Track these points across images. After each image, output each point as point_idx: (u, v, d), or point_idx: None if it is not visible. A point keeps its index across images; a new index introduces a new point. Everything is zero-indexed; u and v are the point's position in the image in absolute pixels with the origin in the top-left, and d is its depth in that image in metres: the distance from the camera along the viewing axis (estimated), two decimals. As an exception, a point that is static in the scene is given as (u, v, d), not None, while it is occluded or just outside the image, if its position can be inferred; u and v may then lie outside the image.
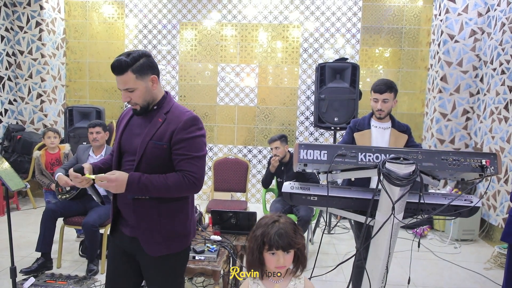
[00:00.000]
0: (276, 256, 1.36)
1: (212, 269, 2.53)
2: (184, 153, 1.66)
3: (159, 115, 1.70)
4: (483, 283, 3.35)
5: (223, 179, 4.36)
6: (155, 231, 1.68)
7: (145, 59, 1.65)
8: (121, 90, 1.66)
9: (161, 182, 1.62)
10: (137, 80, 1.62)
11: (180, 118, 1.68)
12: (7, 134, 5.33)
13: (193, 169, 1.67)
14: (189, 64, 5.67)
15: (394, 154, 1.84)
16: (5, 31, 5.33)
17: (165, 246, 1.70)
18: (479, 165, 1.85)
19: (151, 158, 1.66)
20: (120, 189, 1.58)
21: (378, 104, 2.58)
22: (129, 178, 1.59)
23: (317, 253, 2.17)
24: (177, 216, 1.74)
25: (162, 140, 1.65)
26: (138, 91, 1.64)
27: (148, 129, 1.68)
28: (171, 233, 1.72)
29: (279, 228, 1.37)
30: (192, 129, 1.69)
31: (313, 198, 2.12)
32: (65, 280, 3.04)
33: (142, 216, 1.68)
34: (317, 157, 1.90)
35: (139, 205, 1.68)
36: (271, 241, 1.34)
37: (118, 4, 5.67)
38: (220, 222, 3.09)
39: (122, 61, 1.59)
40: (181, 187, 1.65)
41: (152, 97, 1.71)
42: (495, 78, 4.28)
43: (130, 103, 1.68)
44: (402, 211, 1.96)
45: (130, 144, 1.72)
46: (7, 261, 3.43)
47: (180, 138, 1.66)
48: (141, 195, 1.65)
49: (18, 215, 4.85)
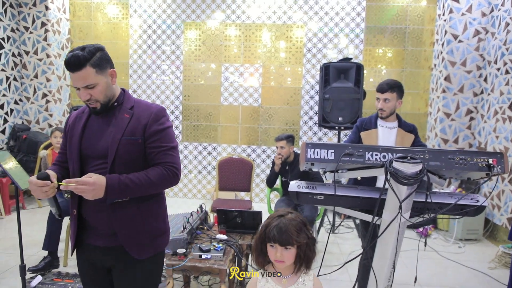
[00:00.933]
0: (274, 249, 1.39)
1: (218, 268, 2.54)
2: (160, 145, 1.59)
3: (123, 111, 1.60)
4: (488, 282, 3.35)
5: (227, 178, 4.38)
6: (140, 232, 1.59)
7: (101, 53, 1.53)
8: (79, 87, 1.51)
9: (143, 179, 1.52)
10: (97, 75, 1.51)
11: (150, 111, 1.62)
12: (13, 134, 5.37)
13: (172, 159, 1.61)
14: (193, 64, 5.69)
15: (401, 153, 1.85)
16: (11, 32, 5.36)
17: (151, 246, 1.64)
18: (486, 164, 1.86)
19: (125, 156, 1.55)
20: (98, 194, 1.43)
21: (380, 103, 2.60)
22: (108, 180, 1.45)
23: (323, 253, 2.18)
24: (157, 213, 1.68)
25: (134, 135, 1.56)
26: (99, 87, 1.52)
27: (115, 127, 1.57)
28: (155, 231, 1.65)
29: (280, 222, 1.40)
30: (163, 120, 1.63)
31: (319, 197, 2.13)
32: (72, 279, 3.07)
33: (123, 220, 1.55)
34: (324, 156, 1.91)
35: (118, 209, 1.54)
36: (270, 233, 1.39)
37: (122, 5, 5.70)
38: (225, 221, 3.11)
39: (80, 55, 1.45)
40: (164, 180, 1.58)
41: (112, 93, 1.60)
42: (499, 77, 4.29)
43: (89, 101, 1.54)
44: (409, 210, 1.97)
45: (94, 147, 1.57)
46: (13, 260, 3.47)
47: (154, 130, 1.59)
48: (122, 197, 1.51)
49: (24, 214, 4.87)
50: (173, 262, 2.55)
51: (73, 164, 1.60)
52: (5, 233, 4.20)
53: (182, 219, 2.95)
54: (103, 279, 1.68)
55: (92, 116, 1.64)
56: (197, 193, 5.84)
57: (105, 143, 1.55)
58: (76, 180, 1.40)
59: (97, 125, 1.61)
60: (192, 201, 5.73)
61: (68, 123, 1.69)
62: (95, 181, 1.41)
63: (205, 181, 5.83)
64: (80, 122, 1.64)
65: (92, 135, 1.60)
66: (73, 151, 1.60)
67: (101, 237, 1.58)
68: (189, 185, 5.84)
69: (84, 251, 1.66)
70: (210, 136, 5.75)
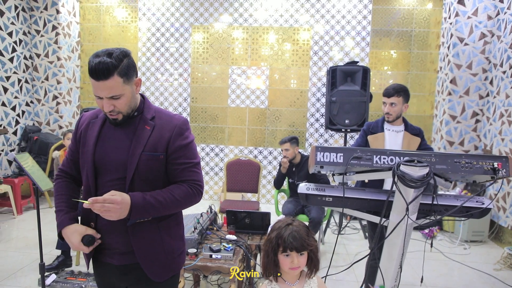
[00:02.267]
0: (290, 258, 1.41)
1: (229, 268, 2.61)
2: (185, 162, 1.48)
3: (144, 122, 1.45)
4: (493, 284, 3.39)
5: (235, 179, 4.45)
6: (160, 252, 1.48)
7: (128, 59, 1.37)
8: (103, 98, 1.35)
9: (169, 198, 1.41)
10: (124, 85, 1.35)
11: (173, 123, 1.48)
12: (24, 135, 5.47)
13: (197, 177, 1.51)
14: (200, 66, 5.76)
15: (409, 156, 1.91)
16: (23, 35, 5.47)
17: (169, 267, 1.52)
18: (491, 167, 1.91)
19: (146, 172, 1.42)
20: (123, 214, 1.33)
21: (386, 107, 2.65)
22: (133, 199, 1.34)
23: (332, 253, 2.24)
24: (176, 231, 1.57)
25: (156, 150, 1.43)
26: (124, 98, 1.37)
27: (135, 140, 1.43)
28: (174, 251, 1.53)
29: (292, 230, 1.42)
30: (187, 134, 1.50)
31: (328, 199, 2.19)
32: (85, 277, 3.14)
33: (142, 240, 1.44)
34: (333, 160, 1.97)
35: (137, 228, 1.43)
36: (285, 242, 1.40)
37: (131, 8, 5.79)
38: (234, 222, 3.18)
39: (108, 63, 1.29)
40: (190, 198, 1.48)
41: (135, 103, 1.45)
42: (505, 80, 4.32)
43: (111, 112, 1.39)
44: (416, 212, 2.02)
45: (110, 160, 1.42)
46: (27, 259, 3.57)
47: (178, 146, 1.46)
48: (145, 217, 1.41)
49: (35, 214, 4.97)
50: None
51: (86, 176, 1.46)
52: (17, 233, 4.29)
53: (193, 219, 3.02)
54: None
55: (107, 123, 1.48)
56: (205, 194, 5.91)
57: (123, 156, 1.41)
58: (104, 199, 1.29)
59: (114, 135, 1.46)
60: (200, 202, 5.80)
61: (79, 127, 1.53)
62: (122, 200, 1.31)
63: (212, 182, 5.90)
64: (94, 129, 1.48)
65: (109, 146, 1.45)
66: (86, 161, 1.46)
67: (116, 255, 1.47)
68: (196, 186, 5.91)
69: (99, 268, 1.55)
70: (217, 137, 5.83)
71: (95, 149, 1.45)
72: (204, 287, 3.16)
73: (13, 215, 4.82)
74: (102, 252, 1.49)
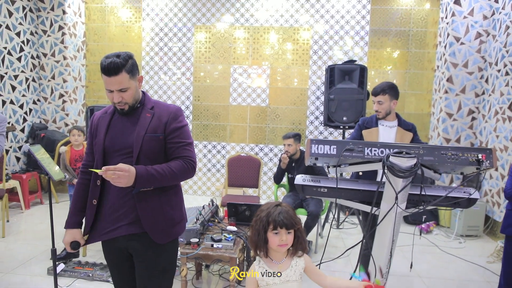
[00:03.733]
0: (279, 235, 1.53)
1: (229, 256, 2.74)
2: (180, 141, 1.78)
3: (145, 111, 1.78)
4: (486, 275, 3.50)
5: (236, 175, 4.57)
6: (161, 220, 1.75)
7: (132, 60, 1.70)
8: (113, 90, 1.67)
9: (167, 170, 1.69)
10: (130, 80, 1.68)
11: (169, 110, 1.80)
12: (32, 132, 5.62)
13: (190, 154, 1.79)
14: (203, 65, 5.90)
15: (398, 148, 2.03)
16: (30, 35, 5.62)
17: (171, 232, 1.79)
18: (476, 159, 2.03)
19: (148, 151, 1.72)
20: (130, 182, 1.59)
21: (375, 105, 2.81)
22: (137, 170, 1.61)
23: (326, 243, 2.35)
24: (175, 202, 1.84)
25: (156, 132, 1.74)
26: (130, 91, 1.70)
27: (139, 125, 1.74)
28: (174, 219, 1.80)
29: (282, 210, 1.56)
30: (181, 118, 1.82)
31: (323, 190, 2.32)
32: (92, 267, 3.28)
33: (147, 209, 1.71)
34: (327, 151, 2.09)
35: (142, 199, 1.71)
36: (275, 221, 1.52)
37: (135, 9, 5.93)
38: (235, 214, 3.31)
39: (117, 62, 1.62)
40: (184, 172, 1.75)
41: (138, 96, 1.79)
42: (500, 79, 4.43)
43: (119, 103, 1.71)
44: (405, 201, 2.14)
45: (119, 143, 1.74)
46: (36, 249, 3.71)
47: (174, 128, 1.77)
48: (148, 186, 1.67)
49: (42, 209, 5.13)
50: (187, 250, 2.74)
51: (97, 157, 1.76)
52: (26, 226, 4.44)
53: (195, 211, 3.15)
54: (127, 264, 1.83)
55: (115, 116, 1.81)
56: (207, 190, 6.04)
57: (130, 139, 1.72)
58: (115, 167, 1.55)
59: (121, 124, 1.78)
60: (201, 198, 5.93)
61: (93, 123, 1.85)
62: (129, 169, 1.57)
63: (214, 179, 6.03)
64: (104, 122, 1.80)
65: (117, 132, 1.76)
66: (98, 146, 1.77)
67: (124, 226, 1.72)
68: (198, 182, 6.05)
69: (109, 245, 1.81)
70: (219, 135, 5.96)
71: (106, 135, 1.76)
72: (206, 277, 3.29)
73: (21, 210, 4.97)
74: (110, 232, 1.73)
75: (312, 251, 3.92)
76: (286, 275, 1.57)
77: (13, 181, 4.86)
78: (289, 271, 1.59)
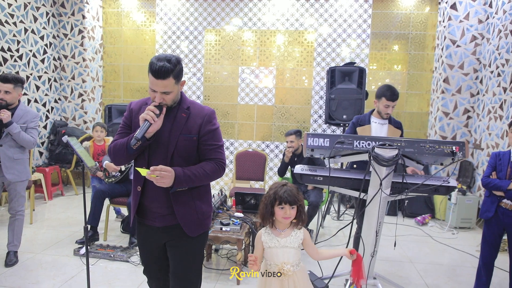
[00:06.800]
0: (284, 210, 1.84)
1: (236, 238, 3.07)
2: (212, 143, 1.84)
3: (181, 111, 1.81)
4: (473, 262, 3.78)
5: (243, 169, 4.91)
6: (193, 214, 1.85)
7: (180, 66, 1.74)
8: (157, 92, 1.71)
9: (201, 172, 1.78)
10: (175, 85, 1.73)
11: (203, 112, 1.85)
12: (53, 129, 6.04)
13: (221, 156, 1.88)
14: (213, 66, 6.25)
15: (382, 141, 2.34)
16: (52, 38, 6.03)
17: (200, 225, 1.89)
18: (451, 151, 2.33)
19: (182, 151, 1.78)
20: (171, 182, 1.68)
21: (389, 109, 3.07)
22: (176, 172, 1.70)
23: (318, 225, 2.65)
24: (205, 197, 1.94)
25: (191, 133, 1.79)
26: (172, 94, 1.74)
27: (174, 124, 1.79)
28: (204, 213, 1.91)
29: (287, 189, 1.86)
30: (214, 121, 1.87)
31: (319, 178, 2.64)
32: (113, 249, 3.64)
33: (180, 203, 1.81)
34: (321, 144, 2.41)
35: (177, 195, 1.80)
36: (281, 197, 1.83)
37: (149, 13, 6.30)
38: (242, 203, 3.65)
39: (168, 67, 1.66)
40: (216, 173, 1.85)
41: (178, 98, 1.83)
42: (492, 80, 4.69)
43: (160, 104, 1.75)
44: (389, 187, 2.46)
45: (156, 140, 1.78)
46: (62, 234, 4.10)
47: (207, 130, 1.82)
48: (184, 187, 1.76)
49: (64, 200, 5.53)
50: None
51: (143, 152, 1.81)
52: (49, 215, 4.83)
53: (206, 199, 3.48)
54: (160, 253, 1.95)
55: None
56: (215, 185, 6.39)
57: (165, 137, 1.78)
58: (161, 168, 1.65)
59: None
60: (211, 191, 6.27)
61: (132, 109, 1.89)
62: (171, 170, 1.68)
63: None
64: None
65: None
66: None
67: (157, 219, 1.85)
68: (208, 177, 6.39)
69: (143, 229, 1.93)
70: (228, 132, 6.30)
71: None
72: (215, 259, 3.62)
73: (44, 200, 5.37)
74: (147, 216, 1.89)
75: (313, 239, 4.23)
76: (285, 241, 1.89)
77: (37, 174, 5.27)
78: (289, 238, 1.90)
